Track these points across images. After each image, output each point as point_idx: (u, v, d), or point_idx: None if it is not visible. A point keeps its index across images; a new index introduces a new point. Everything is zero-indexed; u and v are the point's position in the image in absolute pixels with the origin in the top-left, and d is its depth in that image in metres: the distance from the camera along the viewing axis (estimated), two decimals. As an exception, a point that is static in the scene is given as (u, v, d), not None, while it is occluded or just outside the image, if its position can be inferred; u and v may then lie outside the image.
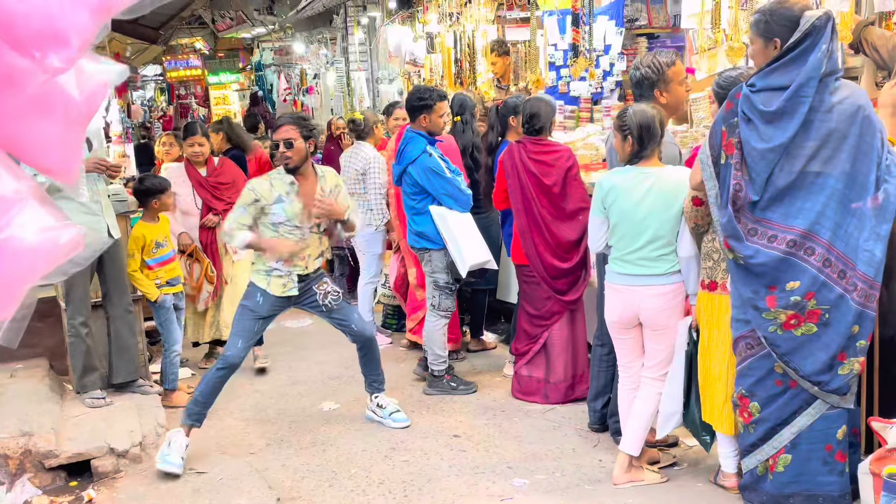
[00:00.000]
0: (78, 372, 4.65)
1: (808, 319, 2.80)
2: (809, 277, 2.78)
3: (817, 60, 2.65)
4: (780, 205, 2.80)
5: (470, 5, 7.07)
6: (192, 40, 20.24)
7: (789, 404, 2.98)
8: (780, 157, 2.74)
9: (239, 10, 12.22)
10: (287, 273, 4.19)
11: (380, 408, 4.55)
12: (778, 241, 2.80)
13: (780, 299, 2.81)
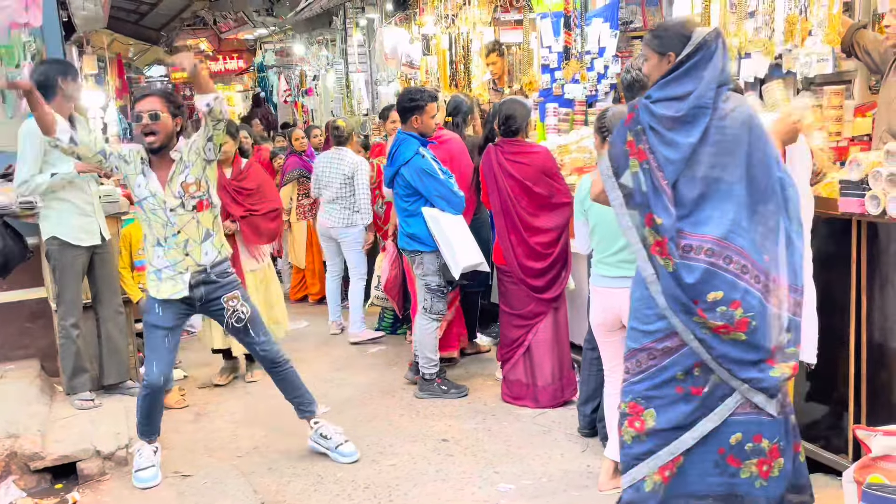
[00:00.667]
0: (68, 373, 4.65)
1: (737, 329, 2.76)
2: (730, 286, 2.74)
3: (714, 70, 2.74)
4: (689, 214, 2.78)
5: (466, 7, 7.05)
6: (196, 41, 20.26)
7: (693, 411, 2.86)
8: (685, 165, 2.77)
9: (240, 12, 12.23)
10: (174, 270, 3.84)
11: (324, 438, 4.18)
12: (694, 251, 2.76)
13: (706, 311, 2.76)
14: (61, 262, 4.53)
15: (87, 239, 4.60)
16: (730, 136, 2.75)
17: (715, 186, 2.76)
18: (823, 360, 3.19)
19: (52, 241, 4.53)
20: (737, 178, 2.76)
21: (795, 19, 3.55)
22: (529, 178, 4.54)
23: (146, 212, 3.84)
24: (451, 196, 4.75)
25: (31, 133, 4.37)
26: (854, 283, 3.29)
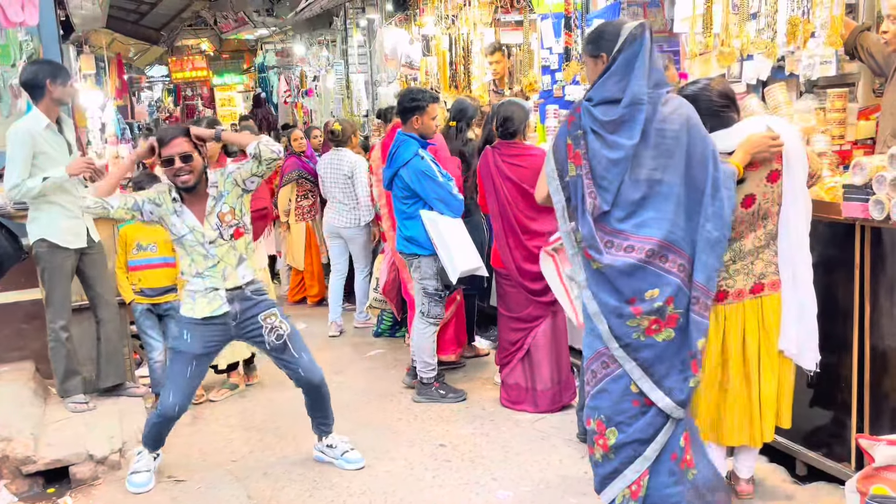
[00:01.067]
0: (60, 376, 4.61)
1: (667, 324, 2.83)
2: (666, 283, 2.81)
3: (643, 64, 2.77)
4: (631, 216, 2.83)
5: (467, 8, 7.00)
6: (197, 41, 20.25)
7: (651, 423, 2.91)
8: (628, 166, 2.81)
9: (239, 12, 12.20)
10: (209, 288, 3.78)
11: (330, 448, 4.13)
12: (636, 252, 2.81)
13: (644, 306, 2.82)
14: (50, 264, 4.49)
15: (74, 241, 4.56)
16: (669, 139, 2.79)
17: (657, 188, 2.80)
18: (826, 366, 3.15)
19: (41, 243, 4.49)
20: (677, 180, 2.80)
21: (798, 21, 3.50)
22: (527, 181, 4.49)
23: (186, 247, 3.79)
24: (450, 199, 4.70)
25: (20, 135, 4.32)
26: (857, 289, 3.25)
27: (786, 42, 3.49)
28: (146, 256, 4.84)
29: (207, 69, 20.44)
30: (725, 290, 3.11)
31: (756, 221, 3.08)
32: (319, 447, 4.19)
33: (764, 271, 3.11)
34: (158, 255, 4.85)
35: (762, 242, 3.10)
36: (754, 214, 3.07)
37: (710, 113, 3.02)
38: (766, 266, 3.11)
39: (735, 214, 2.94)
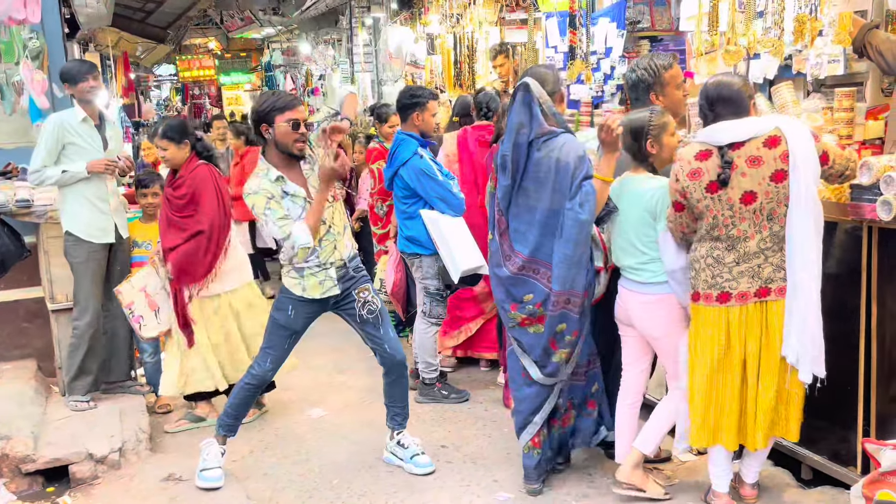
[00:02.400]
0: (72, 373, 4.61)
1: (538, 321, 3.51)
2: (539, 291, 3.49)
3: (510, 125, 3.48)
4: (516, 235, 3.54)
5: (472, 6, 6.96)
6: (205, 40, 20.27)
7: (539, 395, 3.60)
8: (513, 196, 3.51)
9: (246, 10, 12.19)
10: (321, 267, 3.71)
11: (400, 446, 4.02)
12: (519, 266, 3.53)
13: (520, 308, 3.54)
14: (76, 258, 4.53)
15: (100, 236, 4.59)
16: (542, 174, 3.41)
17: (531, 214, 3.47)
18: (832, 369, 3.09)
19: (68, 236, 4.56)
20: (545, 206, 3.43)
21: (805, 19, 3.45)
22: None
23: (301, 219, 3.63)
24: (450, 198, 4.66)
25: (51, 124, 4.45)
26: (864, 291, 3.20)
27: (793, 40, 3.44)
28: (143, 254, 4.85)
29: (214, 68, 20.46)
30: (728, 291, 3.08)
31: (761, 221, 3.03)
32: (390, 447, 4.07)
33: (772, 276, 3.05)
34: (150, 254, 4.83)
35: (769, 244, 3.04)
36: (757, 212, 3.02)
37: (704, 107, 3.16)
38: (774, 271, 3.05)
39: (734, 210, 3.03)
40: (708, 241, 3.13)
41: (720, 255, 3.10)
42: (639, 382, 3.64)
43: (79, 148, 4.49)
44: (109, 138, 4.67)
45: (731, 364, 3.14)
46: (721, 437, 3.21)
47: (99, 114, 4.65)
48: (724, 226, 3.07)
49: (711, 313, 3.13)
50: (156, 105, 25.89)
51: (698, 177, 3.07)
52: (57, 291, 4.83)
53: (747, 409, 3.16)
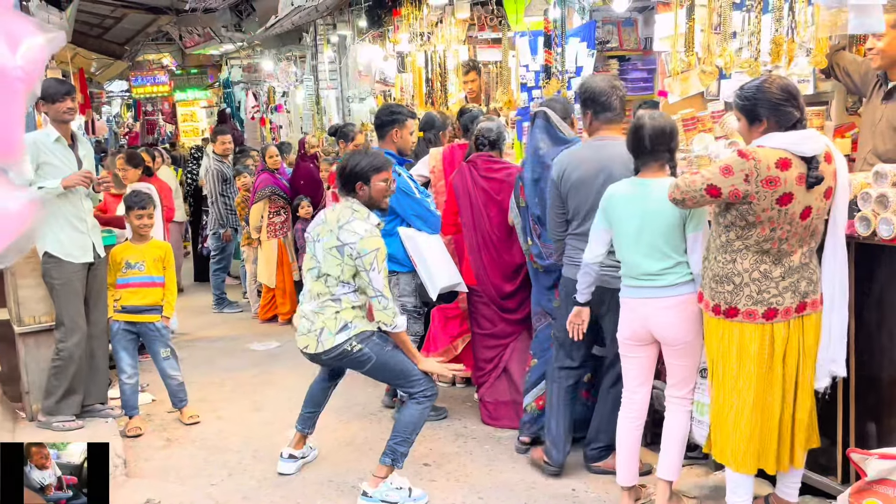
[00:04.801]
0: (58, 394, 4.53)
1: None
2: None
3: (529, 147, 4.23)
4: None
5: (441, 25, 7.02)
6: (159, 56, 20.00)
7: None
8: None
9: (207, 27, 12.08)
10: None
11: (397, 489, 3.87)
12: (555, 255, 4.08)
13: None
14: (59, 280, 4.47)
15: (80, 255, 4.55)
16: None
17: None
18: (813, 381, 3.17)
19: (48, 258, 4.49)
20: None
21: (782, 41, 3.56)
22: (502, 196, 4.52)
23: None
24: (427, 215, 4.67)
25: (26, 145, 4.34)
26: (843, 305, 3.27)
27: (771, 61, 3.55)
28: (135, 275, 4.81)
29: (170, 84, 20.19)
30: (775, 307, 3.00)
31: (807, 237, 3.02)
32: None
33: (806, 290, 3.04)
34: (145, 274, 4.83)
35: (807, 259, 3.05)
36: (807, 228, 2.99)
37: (768, 106, 2.97)
38: (808, 284, 3.04)
39: (793, 224, 2.95)
40: (753, 254, 3.00)
41: (768, 270, 3.00)
42: (646, 402, 3.55)
43: (53, 167, 4.43)
44: (83, 157, 4.62)
45: (774, 383, 3.06)
46: (763, 460, 3.12)
47: (71, 133, 4.59)
48: (779, 239, 2.96)
49: (756, 330, 3.02)
50: (106, 121, 25.43)
51: (774, 185, 2.88)
52: (24, 314, 4.70)
53: (784, 427, 3.10)
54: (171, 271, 4.94)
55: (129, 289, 4.79)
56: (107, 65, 14.23)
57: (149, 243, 4.90)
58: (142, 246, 4.87)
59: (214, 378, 5.91)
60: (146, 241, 4.89)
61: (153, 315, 4.84)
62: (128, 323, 4.80)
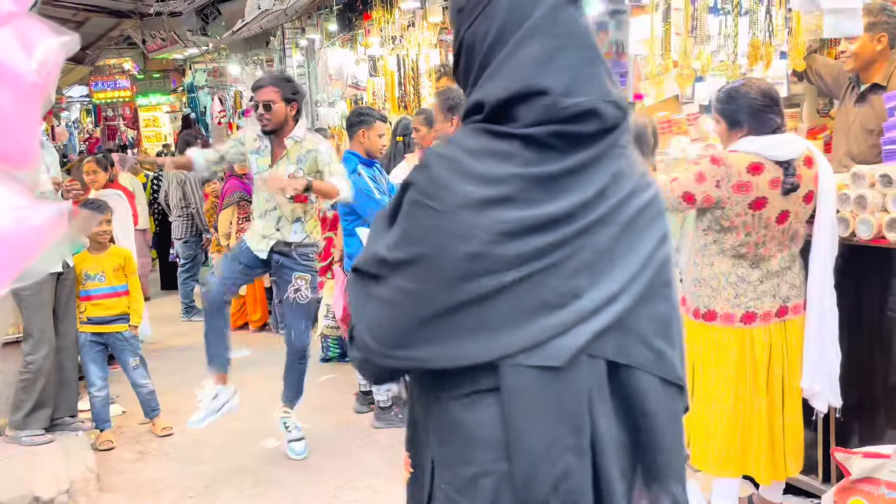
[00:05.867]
0: (26, 408, 4.41)
1: None
2: None
3: None
4: None
5: (413, 28, 6.98)
6: (120, 61, 19.67)
7: None
8: None
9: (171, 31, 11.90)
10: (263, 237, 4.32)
11: (285, 427, 4.55)
12: None
13: None
14: (25, 291, 4.32)
15: (48, 266, 4.36)
16: None
17: None
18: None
19: None
20: None
21: (759, 43, 3.59)
22: None
23: (256, 185, 4.39)
24: None
25: None
26: (822, 305, 3.30)
27: (748, 64, 3.58)
28: (95, 286, 4.68)
29: (132, 89, 19.88)
30: (753, 311, 3.01)
31: (785, 241, 3.03)
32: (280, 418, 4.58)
33: (788, 294, 3.05)
34: (107, 285, 4.71)
35: (787, 264, 3.05)
36: (785, 232, 3.00)
37: (749, 111, 2.93)
38: (790, 289, 3.05)
39: (769, 228, 2.94)
40: (730, 259, 3.00)
41: (745, 273, 2.99)
42: None
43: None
44: (49, 164, 4.51)
45: (758, 389, 3.05)
46: (750, 467, 3.10)
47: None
48: (755, 244, 2.97)
49: (733, 334, 3.01)
50: (66, 126, 24.96)
51: (746, 190, 2.88)
52: (-11, 325, 4.57)
53: (775, 435, 3.08)
54: (133, 278, 4.83)
55: (91, 301, 4.67)
56: (67, 70, 13.95)
57: (107, 252, 4.78)
58: (100, 255, 4.74)
59: (186, 388, 5.77)
60: (105, 250, 4.76)
61: (120, 325, 4.73)
62: (95, 334, 4.69)
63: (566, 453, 1.30)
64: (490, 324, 1.29)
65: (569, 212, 1.28)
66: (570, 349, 1.29)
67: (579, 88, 1.29)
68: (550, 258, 1.28)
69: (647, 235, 1.36)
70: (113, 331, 4.72)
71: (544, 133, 1.28)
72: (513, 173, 1.28)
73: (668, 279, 1.40)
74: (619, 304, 1.31)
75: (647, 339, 1.35)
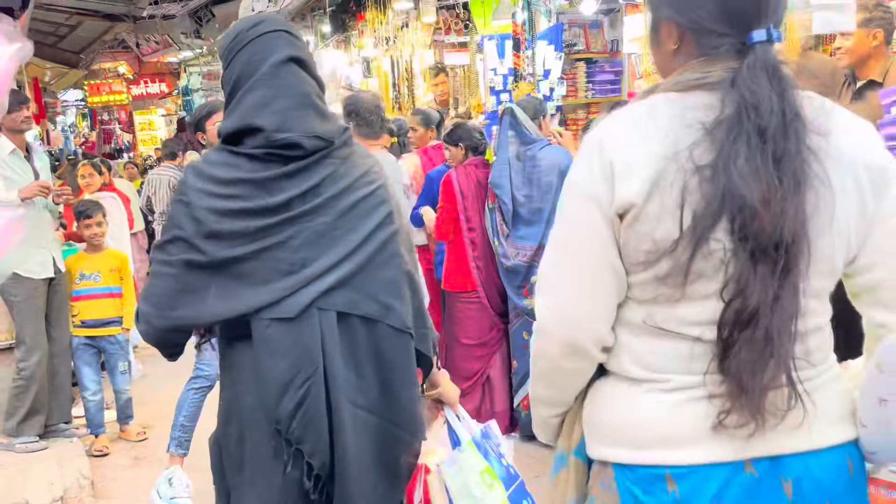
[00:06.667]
0: (20, 415, 4.38)
1: None
2: None
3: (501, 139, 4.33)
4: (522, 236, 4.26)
5: (406, 29, 6.96)
6: (115, 64, 19.65)
7: None
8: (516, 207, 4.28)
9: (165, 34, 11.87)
10: None
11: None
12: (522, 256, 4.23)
13: (530, 289, 4.09)
14: (18, 297, 4.30)
15: (40, 271, 4.40)
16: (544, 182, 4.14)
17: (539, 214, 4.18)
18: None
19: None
20: (550, 208, 3.94)
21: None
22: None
23: None
24: None
25: None
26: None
27: (743, 61, 3.54)
28: (89, 286, 4.65)
29: (128, 92, 19.85)
30: None
31: None
32: None
33: None
34: (102, 285, 4.67)
35: None
36: None
37: None
38: None
39: None
40: None
41: None
42: None
43: (9, 181, 4.29)
44: (39, 169, 4.50)
45: None
46: None
47: (27, 145, 4.46)
48: None
49: None
50: (61, 131, 24.91)
51: None
52: (-17, 331, 4.54)
53: None
54: (128, 282, 4.80)
55: (85, 301, 4.63)
56: (62, 74, 13.93)
57: (103, 253, 4.76)
58: (96, 256, 4.72)
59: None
60: (101, 251, 4.75)
61: (114, 328, 4.70)
62: (88, 338, 4.66)
63: (304, 383, 1.76)
64: (237, 288, 1.76)
65: (284, 202, 1.77)
66: (300, 304, 1.76)
67: (287, 126, 1.78)
68: (277, 237, 1.77)
69: (368, 219, 1.85)
70: (106, 334, 4.69)
71: (262, 153, 1.78)
72: (238, 177, 1.78)
73: (393, 251, 1.88)
74: (343, 269, 1.79)
75: (376, 296, 1.83)
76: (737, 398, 1.26)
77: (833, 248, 1.31)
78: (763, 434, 1.28)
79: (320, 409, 1.76)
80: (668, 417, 1.31)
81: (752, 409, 1.26)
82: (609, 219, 1.29)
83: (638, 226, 1.27)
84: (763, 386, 1.25)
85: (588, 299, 1.34)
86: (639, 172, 1.26)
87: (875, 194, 1.32)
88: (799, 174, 1.24)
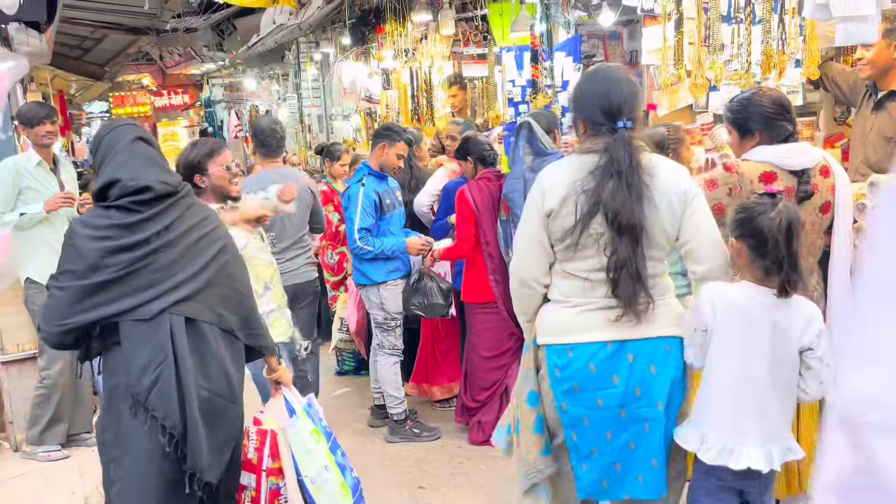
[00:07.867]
0: (42, 423, 4.43)
1: None
2: None
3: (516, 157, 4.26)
4: None
5: (425, 41, 7.00)
6: (139, 76, 19.89)
7: None
8: None
9: (187, 47, 12.02)
10: None
11: None
12: None
13: None
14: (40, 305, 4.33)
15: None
16: None
17: None
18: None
19: (29, 284, 4.41)
20: None
21: (772, 52, 3.55)
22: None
23: None
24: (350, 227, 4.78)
25: (4, 170, 4.34)
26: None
27: (761, 73, 3.53)
28: None
29: (151, 104, 20.09)
30: None
31: (805, 254, 2.91)
32: None
33: None
34: None
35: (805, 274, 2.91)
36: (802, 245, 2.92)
37: (760, 119, 2.88)
38: None
39: None
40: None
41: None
42: None
43: (35, 192, 4.37)
44: (65, 181, 4.56)
45: None
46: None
47: (53, 157, 4.53)
48: None
49: None
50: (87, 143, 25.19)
51: None
52: (7, 342, 4.61)
53: None
54: None
55: None
56: (87, 86, 14.13)
57: None
58: None
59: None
60: None
61: None
62: None
63: (157, 367, 2.42)
64: (109, 300, 2.43)
65: (145, 239, 2.47)
66: (155, 310, 2.45)
67: (140, 176, 2.49)
68: (140, 264, 2.46)
69: (207, 251, 2.58)
70: None
71: (125, 202, 2.47)
72: (111, 223, 2.47)
73: (227, 274, 2.63)
74: (189, 287, 2.50)
75: (213, 307, 2.55)
76: (627, 307, 2.45)
77: (659, 234, 2.48)
78: (621, 328, 2.48)
79: (171, 385, 2.41)
80: (569, 320, 2.55)
81: (634, 313, 2.46)
82: (542, 216, 2.52)
83: (556, 220, 2.50)
84: (637, 300, 2.45)
85: (530, 258, 2.62)
86: (557, 192, 2.48)
87: (680, 204, 2.47)
88: (639, 194, 2.41)
